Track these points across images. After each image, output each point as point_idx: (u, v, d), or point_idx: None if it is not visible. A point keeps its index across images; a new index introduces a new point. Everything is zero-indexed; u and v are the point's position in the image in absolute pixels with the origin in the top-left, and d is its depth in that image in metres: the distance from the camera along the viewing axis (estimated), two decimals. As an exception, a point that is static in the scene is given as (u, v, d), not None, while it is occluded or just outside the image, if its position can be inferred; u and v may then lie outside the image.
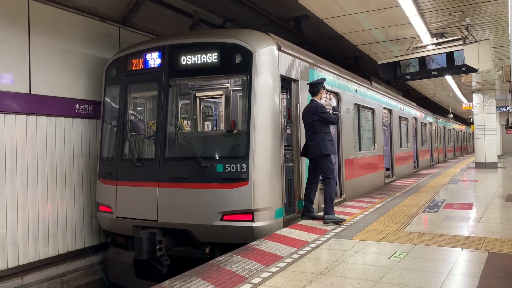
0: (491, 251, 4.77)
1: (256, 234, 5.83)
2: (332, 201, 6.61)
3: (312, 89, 6.79)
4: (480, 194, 9.94)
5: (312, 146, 6.55)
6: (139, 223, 6.43)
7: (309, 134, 6.66)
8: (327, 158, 6.56)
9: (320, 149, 6.47)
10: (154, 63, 6.68)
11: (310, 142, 6.58)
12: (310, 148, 6.58)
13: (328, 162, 6.57)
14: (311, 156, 6.63)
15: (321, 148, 6.47)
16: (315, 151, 6.53)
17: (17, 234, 6.43)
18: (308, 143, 6.64)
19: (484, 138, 18.58)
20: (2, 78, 6.32)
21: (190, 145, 6.32)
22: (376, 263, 4.49)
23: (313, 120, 6.55)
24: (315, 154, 6.53)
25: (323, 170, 6.57)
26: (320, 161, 6.53)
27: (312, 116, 6.58)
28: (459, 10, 7.96)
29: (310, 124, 6.60)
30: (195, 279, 4.12)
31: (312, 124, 6.57)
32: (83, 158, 7.54)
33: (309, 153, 6.66)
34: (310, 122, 6.60)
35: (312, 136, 6.58)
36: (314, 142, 6.52)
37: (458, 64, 8.69)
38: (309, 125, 6.64)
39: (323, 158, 6.52)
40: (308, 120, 6.63)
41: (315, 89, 6.75)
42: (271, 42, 6.41)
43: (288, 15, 9.86)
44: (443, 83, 17.16)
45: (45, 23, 6.92)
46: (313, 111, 6.60)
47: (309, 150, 6.62)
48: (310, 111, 6.66)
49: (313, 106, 6.66)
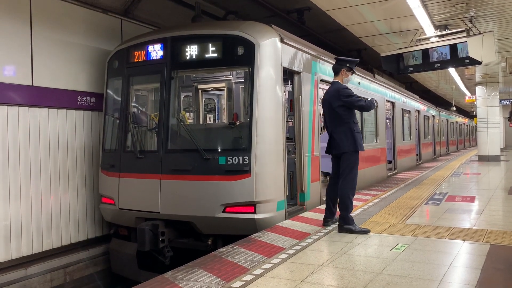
0: (493, 243, 4.77)
1: (258, 226, 5.85)
2: (350, 206, 5.42)
3: (334, 66, 5.71)
4: (483, 187, 9.93)
5: (337, 139, 5.46)
6: (142, 215, 6.46)
7: (332, 125, 5.54)
8: (356, 156, 5.46)
9: (348, 143, 5.38)
10: (156, 55, 6.66)
11: (335, 135, 5.50)
12: (335, 142, 5.50)
13: (356, 160, 5.47)
14: (335, 152, 5.55)
15: (349, 141, 5.38)
16: (340, 145, 5.43)
17: (21, 226, 6.47)
18: (333, 135, 5.53)
19: (487, 131, 18.53)
20: (4, 70, 6.32)
21: (193, 137, 6.32)
22: (377, 255, 4.50)
23: (335, 106, 5.44)
24: (341, 149, 5.43)
25: (346, 168, 5.43)
26: (346, 157, 5.43)
27: (334, 101, 5.46)
28: (463, 2, 7.90)
29: (332, 112, 5.49)
30: (197, 270, 4.14)
31: (336, 112, 5.46)
32: (85, 150, 7.56)
33: (333, 149, 5.58)
34: (332, 109, 5.48)
35: (336, 127, 5.48)
36: (340, 135, 5.43)
37: (461, 57, 8.65)
38: (331, 114, 5.54)
39: (351, 155, 5.43)
40: (329, 108, 5.52)
41: (338, 66, 5.63)
42: (273, 34, 6.38)
43: (290, 7, 9.82)
44: (446, 76, 17.08)
45: (47, 15, 6.90)
46: (334, 95, 5.49)
47: (333, 145, 5.54)
48: (330, 96, 5.55)
49: (334, 89, 5.54)
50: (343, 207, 5.39)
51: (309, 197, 7.21)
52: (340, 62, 5.67)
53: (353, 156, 5.42)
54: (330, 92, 5.62)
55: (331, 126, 5.59)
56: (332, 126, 5.57)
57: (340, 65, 5.63)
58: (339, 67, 5.63)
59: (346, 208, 5.38)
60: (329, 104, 5.53)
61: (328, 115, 5.62)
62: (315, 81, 7.65)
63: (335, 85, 5.59)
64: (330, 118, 5.59)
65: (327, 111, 5.63)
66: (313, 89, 7.55)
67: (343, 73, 5.60)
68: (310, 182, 7.24)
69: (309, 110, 7.33)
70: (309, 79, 7.42)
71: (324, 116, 5.89)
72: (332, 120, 5.56)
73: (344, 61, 5.64)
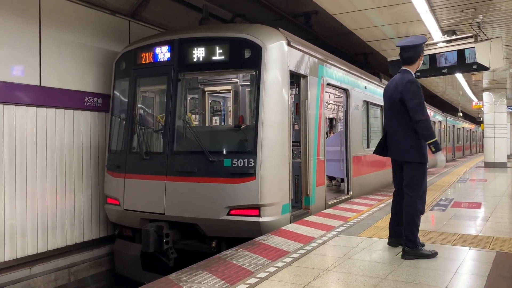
0: (499, 251, 4.73)
1: (263, 229, 5.84)
2: (417, 227, 4.47)
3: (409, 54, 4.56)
4: (489, 194, 9.86)
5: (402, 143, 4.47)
6: (147, 216, 6.47)
7: (395, 123, 4.53)
8: (423, 168, 4.49)
9: (416, 152, 4.42)
10: (163, 57, 6.69)
11: (397, 136, 4.51)
12: (398, 145, 4.52)
13: (423, 174, 4.49)
14: (397, 157, 4.59)
15: (418, 150, 4.42)
16: (406, 152, 4.46)
17: (26, 225, 6.50)
18: (394, 138, 4.54)
19: (494, 137, 18.42)
20: (13, 70, 6.37)
21: (198, 140, 6.33)
22: (382, 260, 4.47)
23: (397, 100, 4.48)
24: (406, 157, 4.48)
25: (411, 181, 4.47)
26: (412, 168, 4.47)
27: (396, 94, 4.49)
28: (472, 7, 7.87)
29: (400, 107, 4.47)
30: (201, 272, 4.14)
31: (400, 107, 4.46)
32: (91, 151, 7.59)
33: (393, 151, 4.59)
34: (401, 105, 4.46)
35: (400, 126, 4.48)
36: (406, 141, 4.44)
37: (469, 62, 8.62)
38: (397, 110, 4.51)
39: (418, 167, 4.46)
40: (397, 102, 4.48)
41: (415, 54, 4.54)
42: (280, 37, 6.39)
43: (298, 10, 9.82)
44: (453, 81, 17.00)
45: (55, 16, 6.95)
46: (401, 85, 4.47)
47: (394, 148, 4.57)
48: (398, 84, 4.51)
49: (403, 78, 4.52)
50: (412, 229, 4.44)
51: (314, 201, 7.19)
52: (416, 48, 4.54)
53: (421, 169, 4.47)
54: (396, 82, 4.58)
55: (391, 124, 4.60)
56: (394, 124, 4.54)
57: (418, 51, 4.55)
58: (416, 54, 4.56)
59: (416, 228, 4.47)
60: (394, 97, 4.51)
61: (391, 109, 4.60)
62: (322, 85, 7.64)
63: (406, 75, 4.54)
64: (391, 112, 4.60)
65: (390, 105, 4.61)
66: (320, 93, 7.54)
67: (421, 58, 4.63)
68: (315, 186, 7.22)
69: (315, 114, 7.32)
70: (316, 82, 7.42)
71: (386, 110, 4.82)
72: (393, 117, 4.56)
73: (421, 47, 4.58)
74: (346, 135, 9.05)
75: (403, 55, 4.60)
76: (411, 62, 4.58)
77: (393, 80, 4.67)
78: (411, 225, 4.44)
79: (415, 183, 4.46)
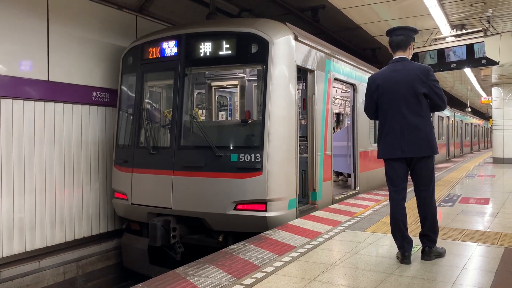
0: (507, 247, 4.70)
1: (269, 224, 5.85)
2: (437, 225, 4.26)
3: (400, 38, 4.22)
4: (497, 189, 9.79)
5: (424, 137, 4.04)
6: (154, 210, 6.51)
7: (412, 116, 4.04)
8: (433, 159, 4.27)
9: (432, 143, 4.10)
10: (170, 52, 6.69)
11: (417, 131, 4.06)
12: (419, 141, 4.05)
13: (434, 165, 4.30)
14: (418, 153, 4.08)
15: (434, 141, 4.13)
16: (422, 145, 4.04)
17: (35, 219, 6.56)
18: (414, 133, 4.04)
19: (502, 133, 18.26)
20: (21, 65, 6.41)
21: (205, 134, 6.34)
22: (389, 255, 4.47)
23: (420, 92, 4.02)
24: (428, 152, 4.10)
25: (430, 177, 4.26)
26: (430, 162, 4.20)
27: (419, 85, 4.01)
28: (481, 1, 7.79)
29: (420, 100, 4.04)
30: (208, 266, 4.16)
31: (419, 98, 4.04)
32: (99, 145, 7.63)
33: (413, 147, 4.06)
34: (414, 93, 4.02)
35: (421, 119, 4.04)
36: (429, 134, 4.06)
37: (478, 57, 8.54)
38: (416, 102, 4.04)
39: (432, 159, 4.23)
40: (418, 94, 4.02)
41: (406, 38, 4.19)
42: (287, 31, 6.37)
43: (305, 4, 9.77)
44: (462, 76, 16.85)
45: (63, 10, 6.98)
46: (419, 77, 4.03)
47: (414, 144, 4.05)
48: (413, 77, 4.03)
49: (419, 68, 4.09)
50: (435, 228, 4.21)
51: (321, 196, 7.19)
52: (408, 31, 4.23)
53: (433, 161, 4.25)
54: (410, 71, 4.07)
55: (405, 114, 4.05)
56: (408, 114, 4.03)
57: (410, 35, 4.22)
58: (408, 38, 4.21)
59: (437, 228, 4.26)
60: (412, 85, 4.02)
61: (405, 98, 4.06)
62: (329, 79, 7.61)
63: (413, 63, 4.19)
64: (403, 103, 4.06)
65: (405, 97, 4.05)
66: (327, 88, 7.52)
67: (411, 48, 4.28)
68: (322, 181, 7.21)
69: (322, 109, 7.30)
70: (323, 77, 7.39)
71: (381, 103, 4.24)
72: (405, 107, 4.04)
73: (413, 31, 4.27)
74: (353, 130, 9.02)
75: (395, 39, 4.23)
76: (404, 46, 4.20)
77: (399, 70, 4.13)
78: (435, 224, 4.22)
79: (432, 176, 4.25)
